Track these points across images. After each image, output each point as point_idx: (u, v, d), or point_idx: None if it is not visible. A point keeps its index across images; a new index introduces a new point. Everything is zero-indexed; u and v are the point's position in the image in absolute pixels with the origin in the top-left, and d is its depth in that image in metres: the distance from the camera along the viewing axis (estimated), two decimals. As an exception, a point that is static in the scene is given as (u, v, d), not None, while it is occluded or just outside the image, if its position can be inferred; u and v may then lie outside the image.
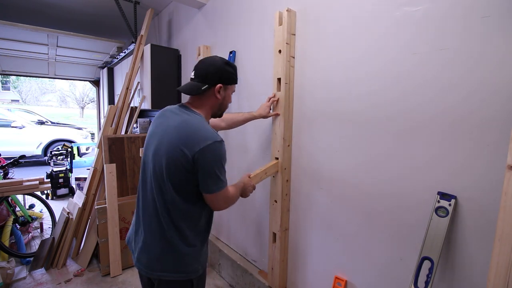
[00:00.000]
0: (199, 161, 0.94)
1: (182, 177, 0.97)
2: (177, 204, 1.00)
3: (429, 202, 1.05)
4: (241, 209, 2.16)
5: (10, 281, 2.09)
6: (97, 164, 2.53)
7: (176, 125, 1.00)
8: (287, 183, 1.66)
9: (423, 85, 1.06)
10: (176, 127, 0.99)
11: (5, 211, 2.57)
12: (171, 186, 0.98)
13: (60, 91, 22.89)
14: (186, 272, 1.04)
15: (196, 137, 0.95)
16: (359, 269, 1.34)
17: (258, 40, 1.86)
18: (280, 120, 1.59)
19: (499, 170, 0.88)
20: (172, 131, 0.99)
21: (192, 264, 1.05)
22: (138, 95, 3.10)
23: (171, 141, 0.97)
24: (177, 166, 0.95)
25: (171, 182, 0.98)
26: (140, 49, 2.85)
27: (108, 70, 4.55)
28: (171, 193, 0.99)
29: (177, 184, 0.98)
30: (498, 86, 0.88)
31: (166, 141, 0.98)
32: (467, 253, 0.97)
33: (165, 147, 0.98)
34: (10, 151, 5.84)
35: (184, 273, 1.03)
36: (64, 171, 4.08)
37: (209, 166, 0.96)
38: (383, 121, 1.19)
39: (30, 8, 3.31)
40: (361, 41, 1.26)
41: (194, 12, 2.59)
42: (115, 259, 2.25)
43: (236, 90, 2.10)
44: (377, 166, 1.22)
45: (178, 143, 0.95)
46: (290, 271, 1.73)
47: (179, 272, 1.03)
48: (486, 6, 0.90)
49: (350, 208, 1.36)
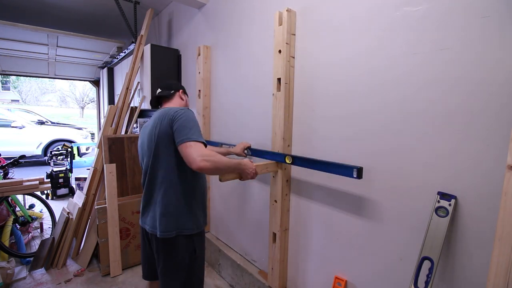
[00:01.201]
0: (175, 121, 1.19)
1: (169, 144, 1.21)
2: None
3: (429, 202, 1.05)
4: (241, 209, 2.16)
5: (10, 281, 2.09)
6: (97, 164, 2.53)
7: (157, 113, 1.30)
8: (287, 183, 1.66)
9: (423, 85, 1.06)
10: (158, 113, 1.29)
11: (5, 211, 2.57)
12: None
13: (60, 91, 22.89)
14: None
15: (172, 111, 1.24)
16: (359, 269, 1.34)
17: (258, 40, 1.86)
18: (280, 120, 1.59)
19: (499, 170, 0.88)
20: (155, 118, 1.28)
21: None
22: (138, 95, 3.10)
23: (156, 123, 1.24)
24: (164, 136, 1.20)
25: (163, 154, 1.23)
26: (140, 49, 2.85)
27: (108, 70, 4.55)
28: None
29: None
30: (498, 87, 0.88)
31: (153, 126, 1.26)
32: (467, 253, 0.97)
33: (154, 130, 1.23)
34: (10, 151, 5.84)
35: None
36: (64, 171, 4.09)
37: (181, 122, 1.18)
38: (383, 121, 1.19)
39: (30, 8, 3.31)
40: (361, 41, 1.26)
41: (194, 12, 2.59)
42: (115, 259, 2.25)
43: (236, 90, 2.10)
44: (377, 166, 1.22)
45: (161, 121, 1.22)
46: (290, 271, 1.73)
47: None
48: (486, 6, 0.90)
49: (350, 208, 1.36)
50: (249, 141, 1.96)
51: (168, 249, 1.24)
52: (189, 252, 1.27)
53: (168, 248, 1.24)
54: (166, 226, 1.22)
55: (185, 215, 1.25)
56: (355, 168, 1.19)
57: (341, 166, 1.26)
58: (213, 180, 2.51)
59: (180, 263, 1.25)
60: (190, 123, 1.19)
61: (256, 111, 1.93)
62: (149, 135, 1.27)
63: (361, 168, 1.18)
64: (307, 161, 1.43)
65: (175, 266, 1.25)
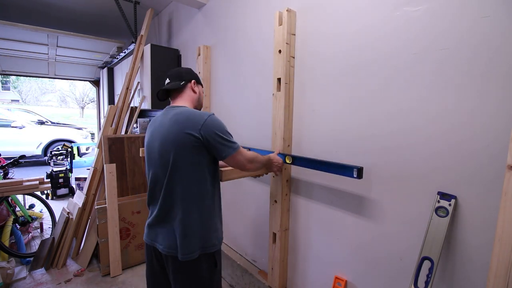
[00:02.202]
0: (206, 135, 1.08)
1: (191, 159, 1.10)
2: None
3: (429, 202, 1.05)
4: (241, 209, 2.16)
5: (10, 281, 2.09)
6: (97, 164, 2.53)
7: (171, 118, 1.13)
8: (287, 183, 1.66)
9: (423, 85, 1.06)
10: (171, 119, 1.12)
11: (5, 211, 2.57)
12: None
13: (60, 91, 22.86)
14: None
15: (193, 118, 1.10)
16: (359, 269, 1.34)
17: (258, 40, 1.86)
18: (280, 120, 1.59)
19: (499, 170, 0.88)
20: (170, 124, 1.11)
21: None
22: (138, 95, 3.10)
23: (173, 131, 1.09)
24: (186, 148, 1.08)
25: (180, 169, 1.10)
26: (140, 49, 2.85)
27: (108, 70, 4.55)
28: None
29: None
30: (498, 87, 0.88)
31: (168, 133, 1.11)
32: (467, 253, 0.97)
33: (171, 139, 1.09)
34: (10, 151, 5.84)
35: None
36: (64, 171, 4.09)
37: (216, 135, 1.10)
38: (383, 121, 1.19)
39: (30, 8, 3.31)
40: (361, 41, 1.26)
41: (194, 12, 2.59)
42: (115, 259, 2.25)
43: (236, 90, 2.10)
44: (377, 166, 1.22)
45: (181, 129, 1.08)
46: (290, 271, 1.73)
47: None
48: (486, 6, 0.90)
49: (350, 208, 1.36)
50: (248, 141, 1.96)
51: (190, 270, 1.14)
52: (210, 268, 1.18)
53: (190, 270, 1.14)
54: (189, 247, 1.10)
55: (208, 233, 1.15)
56: (355, 168, 1.19)
57: (341, 166, 1.26)
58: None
59: (202, 283, 1.16)
60: (225, 133, 1.14)
61: (256, 111, 1.92)
62: (163, 140, 1.12)
63: (361, 168, 1.18)
64: (307, 161, 1.43)
65: (197, 285, 1.16)
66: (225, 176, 1.31)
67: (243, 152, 1.20)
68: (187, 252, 1.09)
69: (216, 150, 1.12)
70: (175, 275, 1.15)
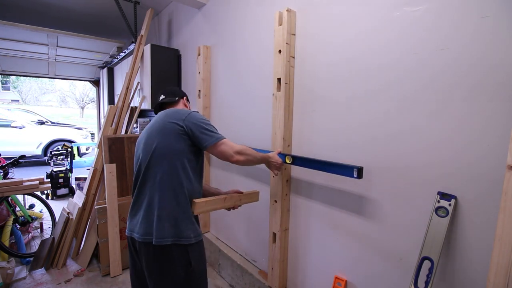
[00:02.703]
0: (189, 124, 1.19)
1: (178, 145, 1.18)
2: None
3: (429, 202, 1.05)
4: (241, 209, 2.16)
5: (10, 281, 2.09)
6: (97, 164, 2.53)
7: (160, 114, 1.29)
8: (287, 183, 1.66)
9: (423, 86, 1.06)
10: (161, 114, 1.28)
11: (5, 211, 2.57)
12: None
13: (60, 91, 22.85)
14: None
15: (180, 111, 1.24)
16: (359, 269, 1.34)
17: (258, 40, 1.86)
18: (280, 120, 1.59)
19: (499, 170, 0.88)
20: (159, 118, 1.26)
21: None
22: (138, 95, 3.10)
23: (159, 121, 1.23)
24: (170, 134, 1.17)
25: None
26: (140, 49, 2.85)
27: (108, 70, 4.55)
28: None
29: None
30: (498, 86, 0.88)
31: (155, 124, 1.24)
32: (467, 253, 0.97)
33: (156, 127, 1.21)
34: (10, 151, 5.83)
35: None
36: (64, 171, 4.09)
37: (198, 126, 1.20)
38: (383, 121, 1.19)
39: (30, 8, 3.31)
40: (361, 41, 1.26)
41: (194, 12, 2.59)
42: (115, 259, 2.25)
43: (236, 91, 2.10)
44: (378, 166, 1.22)
45: (167, 120, 1.21)
46: (290, 271, 1.73)
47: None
48: (486, 6, 0.90)
49: (350, 208, 1.36)
50: (248, 141, 1.96)
51: (161, 260, 1.11)
52: (184, 266, 1.13)
53: (161, 259, 1.11)
54: (163, 231, 1.09)
55: (184, 221, 1.13)
56: (355, 168, 1.19)
57: (341, 166, 1.26)
58: (213, 179, 2.50)
59: (175, 279, 1.12)
60: (207, 125, 1.23)
61: (256, 111, 1.92)
62: (149, 131, 1.24)
63: (361, 168, 1.18)
64: (307, 161, 1.43)
65: (170, 283, 1.12)
66: (197, 209, 1.19)
67: (229, 142, 1.24)
68: (160, 235, 1.09)
69: (198, 140, 1.19)
70: (148, 267, 1.13)
